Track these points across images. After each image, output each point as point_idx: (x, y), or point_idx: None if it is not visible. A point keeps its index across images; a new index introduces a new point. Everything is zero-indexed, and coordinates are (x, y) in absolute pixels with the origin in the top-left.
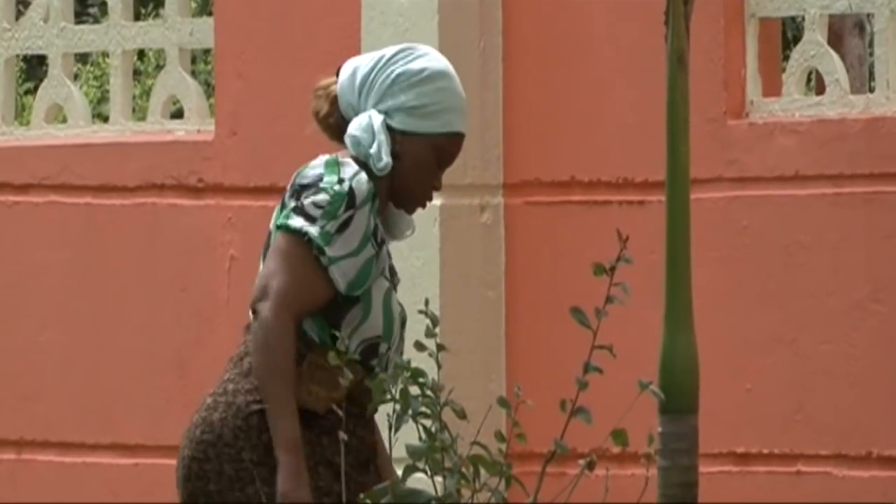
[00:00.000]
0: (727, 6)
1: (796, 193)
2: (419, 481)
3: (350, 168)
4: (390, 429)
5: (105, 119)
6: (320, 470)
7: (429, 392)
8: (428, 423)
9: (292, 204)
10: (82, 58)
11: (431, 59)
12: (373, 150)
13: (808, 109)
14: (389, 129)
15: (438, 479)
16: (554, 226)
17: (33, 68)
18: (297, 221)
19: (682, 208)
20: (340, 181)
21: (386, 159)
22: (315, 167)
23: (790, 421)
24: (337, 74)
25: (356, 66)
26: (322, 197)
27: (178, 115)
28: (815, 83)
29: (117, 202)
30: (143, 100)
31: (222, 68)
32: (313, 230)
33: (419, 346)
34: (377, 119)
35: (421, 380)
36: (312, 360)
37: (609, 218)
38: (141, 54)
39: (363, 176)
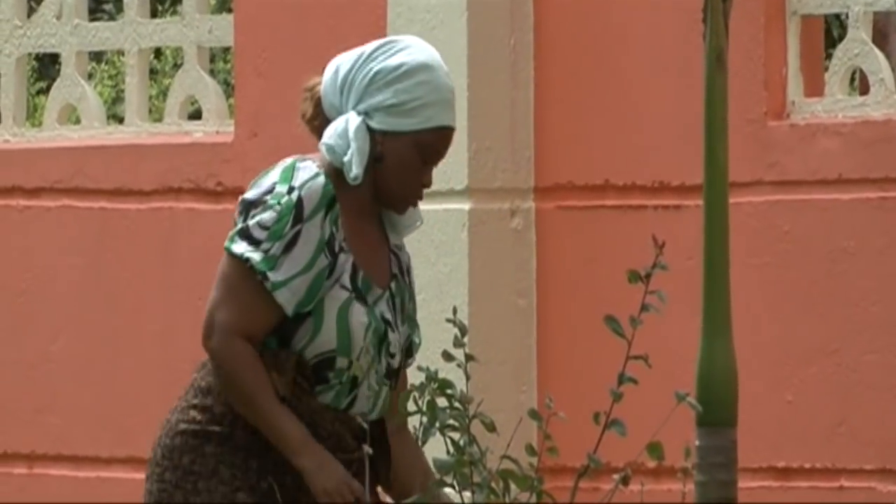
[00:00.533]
0: (768, 3)
1: (840, 197)
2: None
3: (305, 172)
4: (417, 442)
5: (120, 120)
6: (239, 496)
7: (457, 404)
8: (456, 436)
9: (239, 224)
10: (97, 56)
11: (412, 52)
12: (346, 159)
13: (852, 110)
14: (370, 130)
15: (467, 494)
16: (587, 231)
17: (46, 67)
18: (239, 246)
19: (721, 213)
20: (290, 190)
21: (356, 171)
22: (271, 174)
23: (833, 434)
24: None
25: (339, 64)
26: (268, 216)
27: (196, 115)
28: (859, 83)
29: (133, 206)
30: (159, 100)
31: (242, 67)
32: (256, 256)
33: (447, 357)
34: (353, 123)
35: (449, 391)
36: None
37: (644, 223)
38: (158, 53)
39: (318, 181)
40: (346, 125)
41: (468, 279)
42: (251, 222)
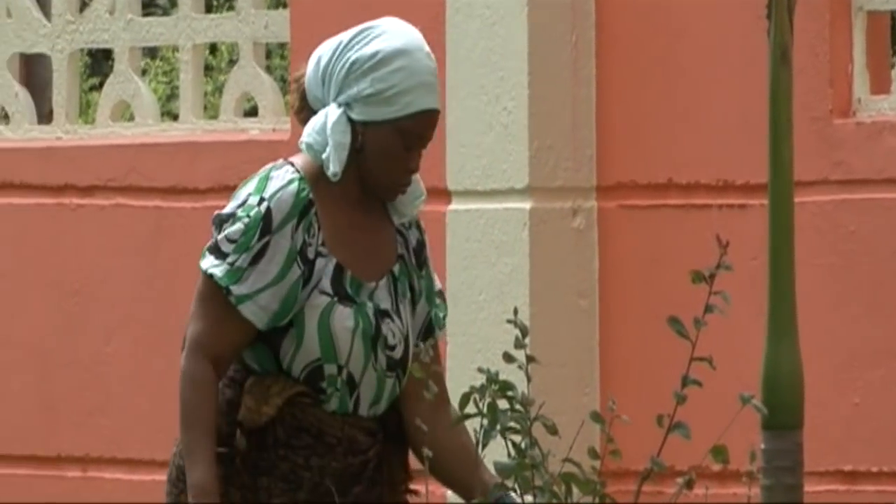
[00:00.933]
0: None
1: None
2: None
3: (277, 181)
4: (477, 445)
5: (175, 117)
6: None
7: (518, 406)
8: (517, 438)
9: (212, 239)
10: (150, 52)
11: (387, 38)
12: (324, 156)
13: None
14: (351, 122)
15: (528, 497)
16: (650, 231)
17: (98, 63)
18: (206, 261)
19: (786, 212)
20: (260, 202)
21: (334, 168)
22: (248, 184)
23: None
24: None
25: (320, 55)
26: (236, 228)
27: (251, 112)
28: None
29: (188, 205)
30: (214, 97)
31: (299, 63)
32: (219, 270)
33: (508, 358)
34: (332, 116)
35: (510, 393)
36: (253, 380)
37: (708, 222)
38: (213, 48)
39: (289, 190)
40: (324, 120)
41: (529, 280)
42: (220, 236)
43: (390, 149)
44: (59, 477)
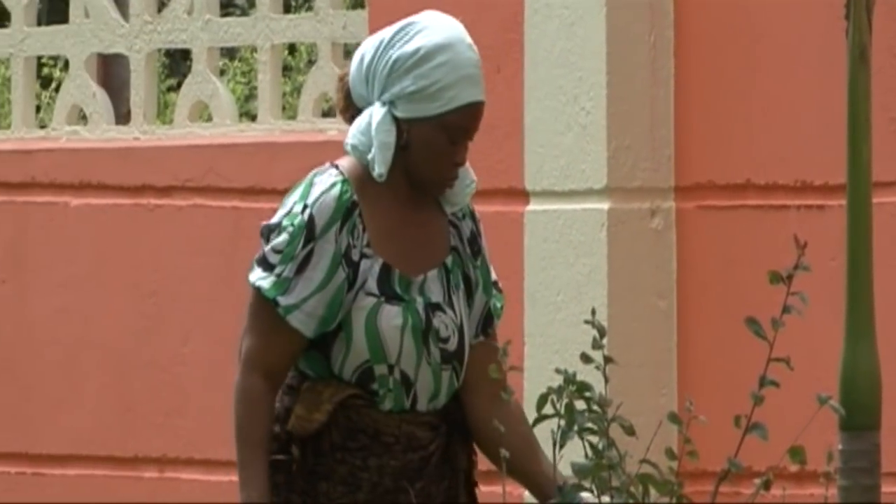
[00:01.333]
0: None
1: None
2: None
3: (319, 186)
4: (555, 445)
5: (253, 117)
6: None
7: (595, 407)
8: (594, 439)
9: (260, 251)
10: (229, 52)
11: (428, 33)
12: (370, 157)
13: None
14: (396, 120)
15: (605, 498)
16: (728, 231)
17: (176, 63)
18: (254, 274)
19: (864, 213)
20: (303, 209)
21: (379, 169)
22: (294, 193)
23: None
24: None
25: (363, 53)
26: (281, 239)
27: (330, 113)
28: None
29: (266, 205)
30: (293, 97)
31: None
32: (266, 283)
33: (585, 359)
34: (377, 116)
35: (587, 394)
36: (306, 386)
37: (786, 223)
38: (291, 49)
39: (331, 194)
40: (369, 119)
41: (607, 280)
42: (267, 248)
43: (436, 144)
44: (137, 478)
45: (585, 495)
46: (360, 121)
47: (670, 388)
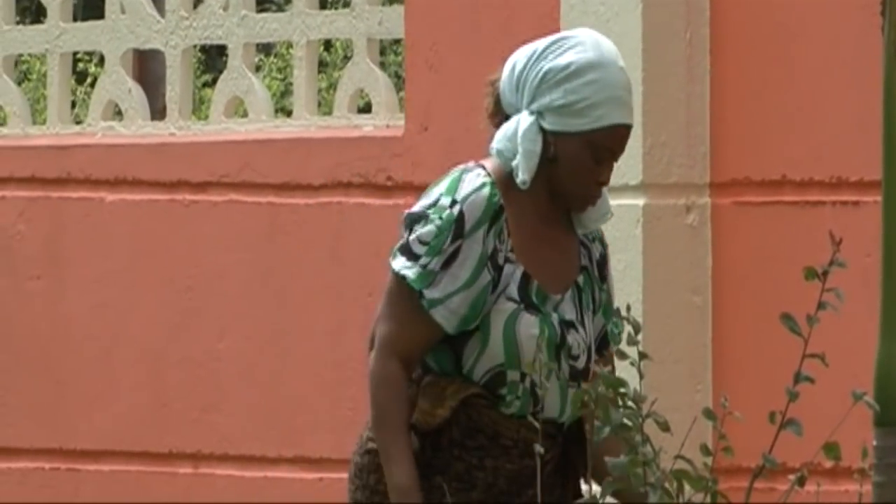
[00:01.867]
0: None
1: None
2: None
3: (469, 184)
4: (589, 443)
5: (288, 113)
6: None
7: (630, 403)
8: (629, 435)
9: (402, 239)
10: (264, 48)
11: (582, 49)
12: (514, 163)
13: None
14: (543, 131)
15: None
16: (764, 227)
17: (212, 59)
18: (398, 262)
19: None
20: (452, 204)
21: (523, 176)
22: (440, 184)
23: None
24: None
25: (515, 61)
26: (428, 230)
27: (366, 109)
28: None
29: (301, 201)
30: (328, 93)
31: (413, 60)
32: (412, 272)
33: (620, 355)
34: (524, 124)
35: (622, 390)
36: (428, 380)
37: (822, 219)
38: (327, 45)
39: (481, 194)
40: (516, 127)
41: (642, 276)
42: (412, 237)
43: (581, 161)
44: (171, 473)
45: (611, 500)
46: (507, 127)
47: (705, 384)
